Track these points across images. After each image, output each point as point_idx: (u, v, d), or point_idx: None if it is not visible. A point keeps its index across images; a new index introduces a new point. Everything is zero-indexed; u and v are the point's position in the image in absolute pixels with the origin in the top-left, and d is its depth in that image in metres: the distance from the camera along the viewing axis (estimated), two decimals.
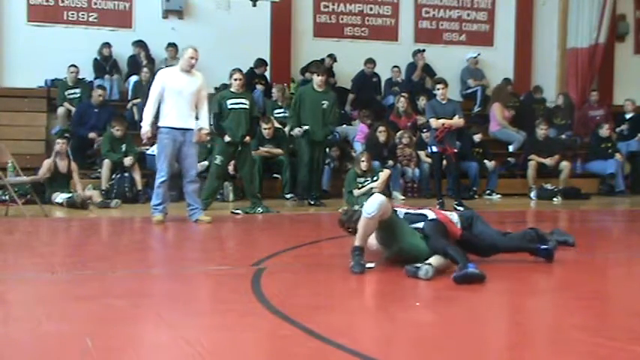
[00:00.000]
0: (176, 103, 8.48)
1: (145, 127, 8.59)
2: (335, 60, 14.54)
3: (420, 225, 5.75)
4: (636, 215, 11.62)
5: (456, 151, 11.19)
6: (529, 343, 4.06)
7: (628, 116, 15.06)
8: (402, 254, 5.68)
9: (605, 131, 14.25)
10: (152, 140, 9.84)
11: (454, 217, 6.31)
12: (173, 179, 9.29)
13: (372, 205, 5.52)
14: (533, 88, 15.50)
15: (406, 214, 5.90)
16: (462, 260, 5.29)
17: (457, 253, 5.41)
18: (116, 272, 5.76)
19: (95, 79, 13.67)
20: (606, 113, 15.29)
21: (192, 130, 8.59)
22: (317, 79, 11.10)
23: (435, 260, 5.40)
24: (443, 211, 6.26)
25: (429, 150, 11.68)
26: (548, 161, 13.30)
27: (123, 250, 7.23)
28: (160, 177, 8.62)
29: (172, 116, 8.48)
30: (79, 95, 13.25)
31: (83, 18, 14.03)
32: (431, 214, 5.88)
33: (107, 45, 13.66)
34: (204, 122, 8.72)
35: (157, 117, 8.59)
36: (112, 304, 4.62)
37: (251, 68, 13.79)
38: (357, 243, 5.55)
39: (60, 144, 11.03)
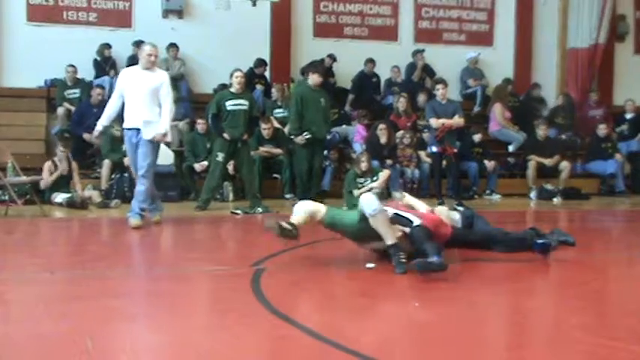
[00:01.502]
0: (133, 103, 8.21)
1: (98, 127, 8.42)
2: (335, 60, 14.55)
3: (407, 229, 5.72)
4: (636, 215, 11.61)
5: (455, 151, 11.19)
6: (529, 343, 4.06)
7: (628, 116, 15.06)
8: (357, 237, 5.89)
9: (602, 131, 14.25)
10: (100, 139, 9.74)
11: (455, 215, 6.32)
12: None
13: (370, 204, 5.56)
14: (532, 84, 15.49)
15: (395, 214, 5.84)
16: (434, 252, 5.31)
17: (430, 246, 5.44)
18: (115, 272, 5.76)
19: (95, 78, 13.67)
20: (606, 113, 15.28)
21: (147, 128, 8.25)
22: (314, 78, 11.08)
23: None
24: (432, 212, 6.21)
25: (429, 150, 11.68)
26: (547, 161, 13.29)
27: (122, 250, 7.22)
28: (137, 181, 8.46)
29: (130, 116, 8.24)
30: (78, 95, 13.26)
31: (83, 18, 14.03)
32: (417, 220, 5.79)
33: (107, 46, 13.67)
34: (163, 124, 8.23)
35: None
36: (111, 304, 4.61)
37: (251, 68, 13.79)
38: (389, 242, 5.59)
39: (61, 151, 11.02)
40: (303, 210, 5.85)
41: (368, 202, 5.63)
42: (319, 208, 5.91)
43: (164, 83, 8.29)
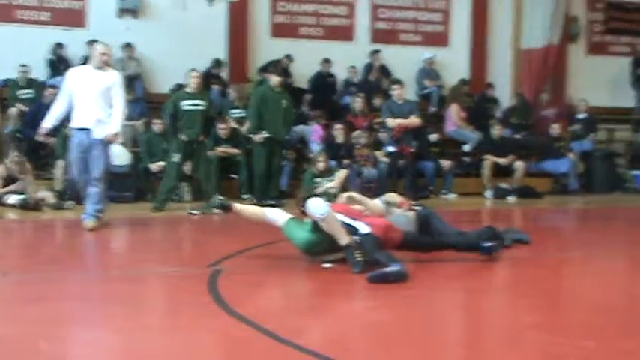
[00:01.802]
0: (83, 103, 8.02)
1: (44, 126, 8.23)
2: (291, 60, 14.54)
3: (357, 238, 5.72)
4: (589, 214, 11.81)
5: (412, 150, 11.26)
6: (484, 341, 4.10)
7: (581, 116, 15.30)
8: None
9: (555, 130, 14.46)
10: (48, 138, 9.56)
11: (402, 219, 6.33)
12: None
13: (318, 208, 5.57)
14: (486, 84, 15.66)
15: (341, 223, 5.77)
16: (389, 261, 5.32)
17: (383, 255, 5.44)
18: (70, 274, 5.69)
19: (49, 78, 13.48)
20: (558, 112, 15.50)
21: (98, 128, 8.13)
22: (274, 79, 11.08)
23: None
24: (381, 218, 6.19)
25: (386, 150, 11.74)
26: (502, 161, 13.44)
27: (77, 252, 7.14)
28: (76, 183, 8.31)
29: (79, 117, 8.05)
30: (32, 95, 13.07)
31: (36, 17, 13.83)
32: (364, 228, 5.76)
33: (60, 45, 13.49)
34: (115, 124, 8.11)
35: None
36: (67, 306, 4.56)
37: (208, 68, 13.72)
38: (343, 242, 5.57)
39: (14, 156, 10.84)
40: (265, 215, 6.00)
41: (316, 206, 5.62)
42: (278, 217, 6.00)
43: (116, 83, 8.16)
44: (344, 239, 5.57)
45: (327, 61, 14.65)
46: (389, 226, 5.95)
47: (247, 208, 5.89)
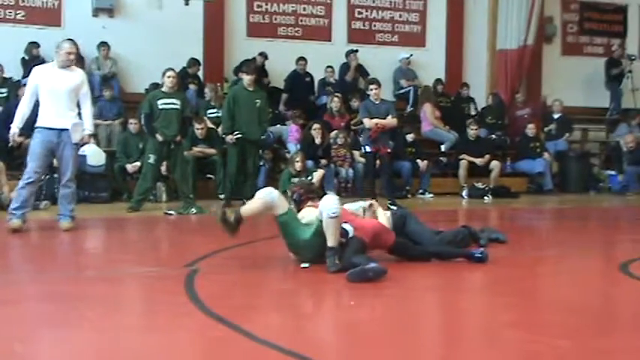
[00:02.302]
0: (51, 102, 7.84)
1: (14, 129, 7.93)
2: (266, 58, 14.49)
3: (343, 240, 5.73)
4: (564, 213, 11.91)
5: (389, 150, 11.28)
6: (462, 340, 4.13)
7: (556, 116, 15.42)
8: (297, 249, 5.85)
9: (531, 130, 14.57)
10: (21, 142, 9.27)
11: (386, 215, 6.34)
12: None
13: (332, 206, 5.53)
14: (461, 84, 15.73)
15: None
16: (367, 262, 5.33)
17: (359, 258, 5.46)
18: (45, 275, 5.64)
19: (23, 78, 13.35)
20: (533, 112, 15.62)
21: (68, 130, 7.98)
22: (247, 79, 11.05)
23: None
24: (373, 220, 6.16)
25: (363, 150, 11.75)
26: (478, 161, 13.52)
27: (52, 253, 7.08)
28: (26, 178, 7.93)
29: (47, 116, 7.87)
30: (5, 95, 12.95)
31: (10, 16, 13.70)
32: (351, 231, 5.77)
33: (35, 44, 13.35)
34: (87, 122, 8.05)
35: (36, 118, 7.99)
36: (42, 308, 4.53)
37: (184, 68, 13.67)
38: (331, 244, 5.55)
39: None
40: (262, 199, 5.72)
41: (330, 203, 5.57)
42: (280, 204, 5.77)
43: (84, 82, 8.09)
44: (333, 242, 5.56)
45: (301, 59, 14.62)
46: (382, 228, 5.96)
47: (251, 208, 5.74)
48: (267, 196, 5.71)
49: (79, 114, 8.09)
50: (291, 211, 5.89)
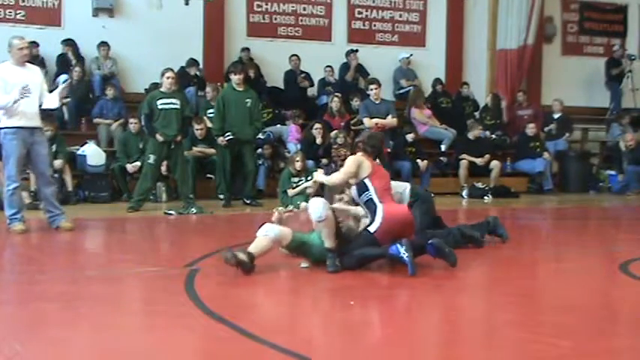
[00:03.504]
0: (23, 102, 7.66)
1: None
2: (249, 53, 14.40)
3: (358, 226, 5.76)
4: (564, 213, 11.90)
5: (389, 150, 11.28)
6: (462, 339, 4.13)
7: (556, 116, 15.41)
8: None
9: (531, 130, 14.57)
10: None
11: (405, 189, 6.42)
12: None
13: (317, 210, 5.55)
14: (461, 83, 15.72)
15: (366, 200, 5.79)
16: (382, 251, 5.40)
17: (373, 249, 5.52)
18: (46, 275, 5.64)
19: None
20: (535, 112, 15.62)
21: (41, 128, 8.01)
22: (235, 78, 11.03)
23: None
24: (406, 208, 6.04)
25: None
26: (479, 161, 13.51)
27: (52, 253, 7.09)
28: (11, 184, 7.82)
29: (20, 115, 7.72)
30: None
31: (10, 16, 13.70)
32: (373, 226, 5.70)
33: (34, 44, 13.32)
34: (54, 97, 7.97)
35: None
36: (42, 307, 4.53)
37: (182, 67, 13.68)
38: (329, 245, 5.60)
39: None
40: (268, 236, 5.65)
41: (315, 208, 5.60)
42: (286, 234, 5.75)
43: (43, 78, 8.01)
44: (330, 243, 5.58)
45: (294, 56, 14.59)
46: (412, 218, 5.88)
47: (261, 247, 5.64)
48: (271, 232, 5.67)
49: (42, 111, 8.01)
50: (296, 235, 5.82)
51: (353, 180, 5.85)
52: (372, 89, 11.28)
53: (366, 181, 5.80)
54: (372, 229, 5.70)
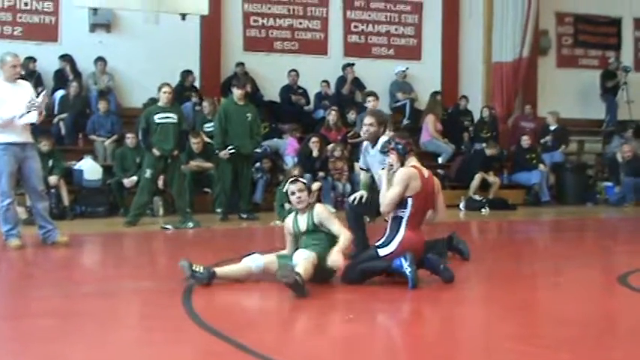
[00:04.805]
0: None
1: None
2: (244, 68, 14.43)
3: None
4: (561, 225, 11.91)
5: None
6: (461, 353, 4.11)
7: (552, 128, 15.45)
8: None
9: (525, 142, 14.61)
10: None
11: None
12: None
13: (296, 264, 5.40)
14: (460, 97, 15.77)
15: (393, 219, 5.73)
16: (386, 265, 5.41)
17: (379, 264, 5.53)
18: (42, 291, 5.62)
19: None
20: (537, 127, 15.68)
21: (32, 143, 7.98)
22: (237, 93, 11.05)
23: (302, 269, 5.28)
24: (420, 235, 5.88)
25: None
26: (491, 179, 13.60)
27: (49, 268, 7.06)
28: (5, 199, 7.73)
29: (12, 132, 7.66)
30: None
31: (7, 32, 13.71)
32: (385, 250, 5.64)
33: (31, 59, 13.34)
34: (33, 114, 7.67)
35: None
36: (38, 323, 4.51)
37: (180, 81, 13.70)
38: (300, 271, 5.29)
39: None
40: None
41: (296, 259, 5.47)
42: (270, 266, 5.69)
43: (33, 93, 7.90)
44: (303, 272, 5.25)
45: (292, 71, 14.63)
46: (422, 245, 5.81)
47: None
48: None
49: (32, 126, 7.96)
50: (281, 262, 5.67)
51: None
52: (369, 101, 11.24)
53: (410, 200, 5.66)
54: (381, 252, 5.64)
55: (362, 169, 7.24)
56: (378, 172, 6.08)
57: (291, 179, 5.82)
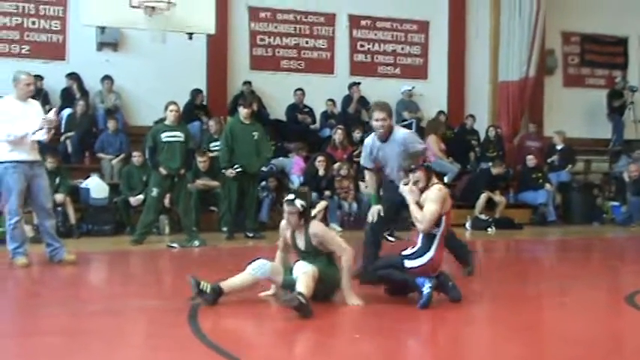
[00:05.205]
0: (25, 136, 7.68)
1: None
2: (250, 87, 14.46)
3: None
4: (567, 245, 11.87)
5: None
6: None
7: (558, 147, 15.44)
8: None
9: (531, 161, 14.61)
10: None
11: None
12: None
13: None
14: (466, 116, 15.78)
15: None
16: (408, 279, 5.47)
17: (400, 276, 5.54)
18: (49, 309, 5.62)
19: None
20: (542, 146, 15.67)
21: (40, 161, 8.05)
22: (243, 112, 11.08)
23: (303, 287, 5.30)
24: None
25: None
26: (497, 198, 13.56)
27: (56, 287, 7.07)
28: (13, 217, 7.80)
29: (20, 150, 7.72)
30: None
31: (15, 50, 13.79)
32: (412, 263, 5.65)
33: (39, 77, 13.39)
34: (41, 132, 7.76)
35: None
36: (44, 341, 4.51)
37: (190, 100, 13.76)
38: (301, 290, 5.31)
39: None
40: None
41: (296, 271, 5.53)
42: (277, 273, 5.74)
43: (42, 112, 7.97)
44: (303, 290, 5.29)
45: (299, 90, 14.66)
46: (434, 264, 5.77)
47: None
48: (258, 271, 5.63)
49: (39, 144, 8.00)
50: (286, 279, 5.72)
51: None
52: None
53: (443, 218, 5.74)
54: (408, 264, 5.65)
55: (366, 168, 7.18)
56: (400, 187, 6.07)
57: (287, 199, 5.78)
